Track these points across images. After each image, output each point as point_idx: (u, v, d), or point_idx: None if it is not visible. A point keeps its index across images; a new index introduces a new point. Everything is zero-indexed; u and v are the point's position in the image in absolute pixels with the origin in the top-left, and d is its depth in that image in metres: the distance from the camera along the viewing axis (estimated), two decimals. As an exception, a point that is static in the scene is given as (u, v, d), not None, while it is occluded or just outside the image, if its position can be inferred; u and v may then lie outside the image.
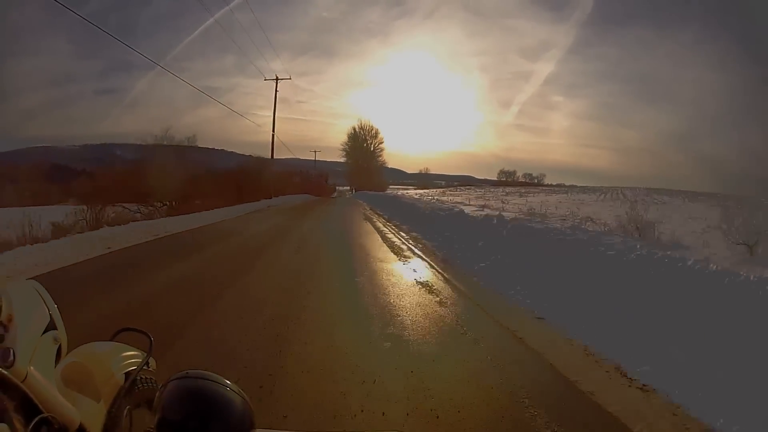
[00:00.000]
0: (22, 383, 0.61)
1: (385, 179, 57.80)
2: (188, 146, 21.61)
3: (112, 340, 1.08)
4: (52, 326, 0.74)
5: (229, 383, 0.65)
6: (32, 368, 0.64)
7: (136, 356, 1.06)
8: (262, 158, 29.12)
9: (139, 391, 1.01)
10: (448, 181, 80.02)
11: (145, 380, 1.04)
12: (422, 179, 70.86)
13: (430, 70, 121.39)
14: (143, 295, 4.01)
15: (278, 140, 29.74)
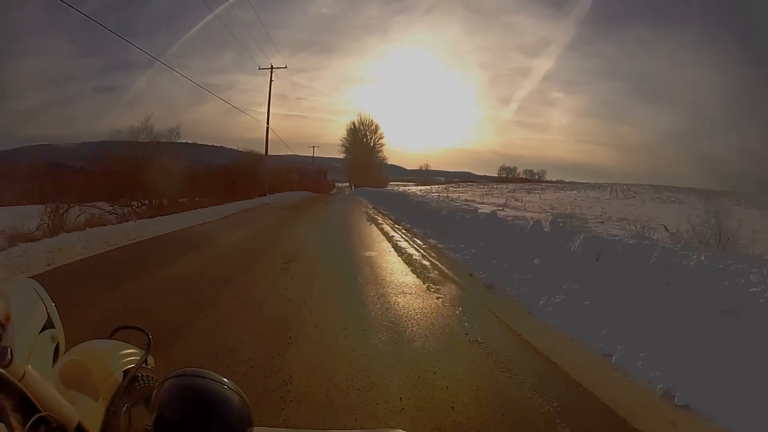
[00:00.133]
0: (19, 382, 0.61)
1: (385, 175, 56.16)
2: (188, 144, 20.08)
3: (110, 338, 1.07)
4: (49, 325, 0.74)
5: (227, 381, 0.62)
6: (30, 367, 0.64)
7: (134, 354, 1.04)
8: (256, 153, 27.37)
9: (138, 388, 1.00)
10: (447, 177, 78.45)
11: (143, 378, 1.03)
12: (422, 176, 69.20)
13: (428, 66, 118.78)
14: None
15: (276, 136, 28.09)
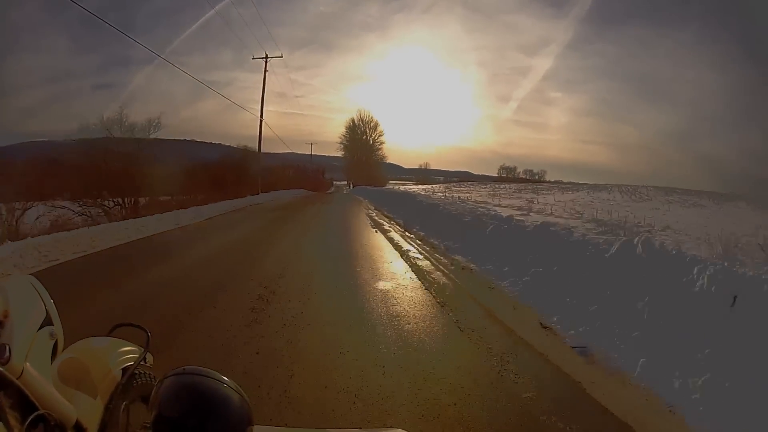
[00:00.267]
0: (17, 380, 0.60)
1: (384, 174, 54.63)
2: (187, 141, 18.63)
3: (109, 335, 1.06)
4: (48, 322, 0.73)
5: (227, 380, 0.61)
6: (28, 365, 0.63)
7: (133, 351, 1.05)
8: (249, 149, 25.76)
9: (136, 386, 0.99)
10: (446, 176, 77.11)
11: (142, 375, 1.02)
12: (421, 175, 67.74)
13: (427, 65, 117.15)
14: None
15: (273, 133, 26.54)
